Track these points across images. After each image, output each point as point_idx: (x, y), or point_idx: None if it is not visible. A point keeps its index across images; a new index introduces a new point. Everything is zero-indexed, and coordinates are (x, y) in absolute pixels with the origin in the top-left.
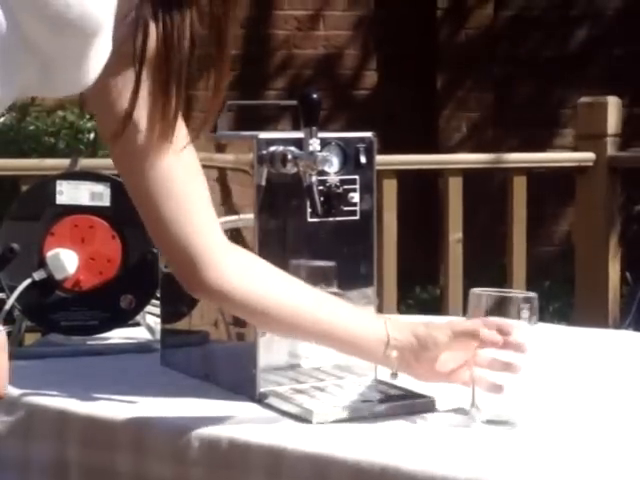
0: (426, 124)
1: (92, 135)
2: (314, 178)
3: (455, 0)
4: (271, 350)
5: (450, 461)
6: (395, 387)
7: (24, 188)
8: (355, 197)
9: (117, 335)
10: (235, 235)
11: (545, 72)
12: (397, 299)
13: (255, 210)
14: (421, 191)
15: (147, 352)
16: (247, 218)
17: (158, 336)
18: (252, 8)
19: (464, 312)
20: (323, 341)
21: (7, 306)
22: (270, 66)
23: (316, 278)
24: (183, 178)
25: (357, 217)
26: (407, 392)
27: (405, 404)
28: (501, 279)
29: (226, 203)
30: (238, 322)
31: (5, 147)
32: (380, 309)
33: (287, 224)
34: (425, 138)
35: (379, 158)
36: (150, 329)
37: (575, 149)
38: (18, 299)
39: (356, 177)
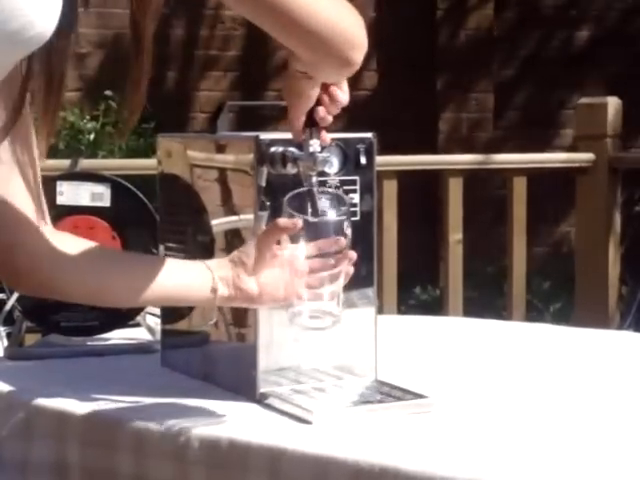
0: (426, 125)
1: (92, 135)
2: (314, 179)
3: (455, 1)
4: (271, 351)
5: (450, 461)
6: (395, 387)
7: None
8: (355, 198)
9: (117, 336)
10: (235, 236)
11: (545, 73)
12: (397, 300)
13: (255, 211)
14: (421, 192)
15: (147, 353)
16: (247, 219)
17: (158, 337)
18: None
19: (465, 312)
20: (160, 303)
21: (7, 307)
22: (270, 66)
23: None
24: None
25: (357, 218)
26: (407, 392)
27: (405, 404)
28: (501, 279)
29: (226, 204)
30: (238, 323)
31: None
32: (380, 310)
33: None
34: (425, 139)
35: (379, 159)
36: (150, 330)
37: (575, 150)
38: (18, 300)
39: (356, 178)
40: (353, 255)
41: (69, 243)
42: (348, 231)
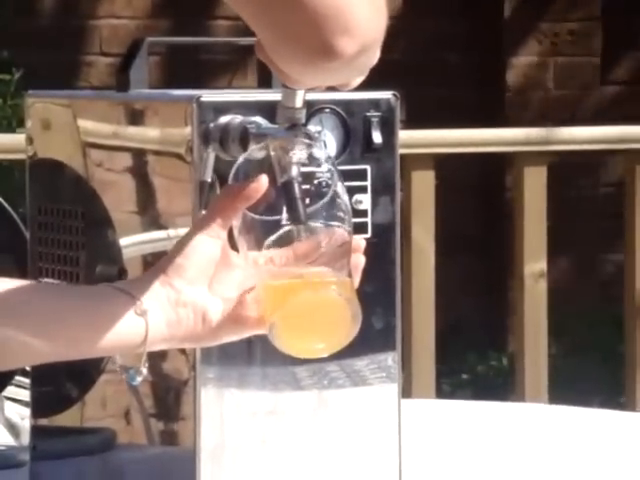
0: (484, 77)
1: None
2: (295, 169)
3: None
4: (220, 462)
5: None
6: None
7: None
8: (364, 201)
9: None
10: None
11: None
12: (436, 373)
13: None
14: (476, 191)
15: (7, 468)
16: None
17: (25, 440)
18: None
19: (552, 395)
20: (56, 356)
21: None
22: None
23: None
24: None
25: (368, 235)
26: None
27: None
28: (615, 339)
29: (147, 210)
30: (165, 411)
31: None
32: (408, 389)
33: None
34: (482, 100)
35: (405, 135)
36: (12, 428)
37: None
38: None
39: (366, 167)
40: (359, 243)
41: None
42: (347, 225)
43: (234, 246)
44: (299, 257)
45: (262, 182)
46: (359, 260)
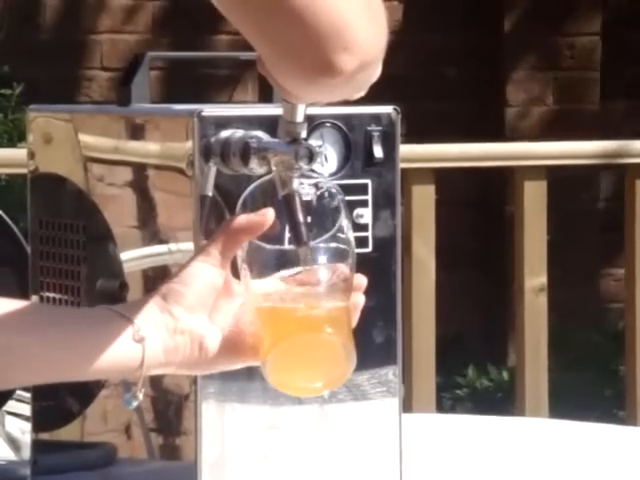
0: (485, 91)
1: None
2: (296, 183)
3: None
4: (221, 476)
5: None
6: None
7: None
8: (365, 215)
9: None
10: (163, 275)
11: None
12: (436, 387)
13: (196, 237)
14: (476, 205)
15: None
16: (183, 250)
17: (26, 455)
18: None
19: (552, 410)
20: (49, 378)
21: None
22: None
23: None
24: None
25: (368, 249)
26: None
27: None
28: (616, 354)
29: (147, 225)
30: (166, 426)
31: None
32: (409, 403)
33: None
34: (484, 115)
35: (406, 150)
36: (13, 442)
37: None
38: None
39: (367, 182)
40: (361, 281)
41: None
42: (350, 262)
43: (236, 274)
44: (299, 284)
45: (268, 217)
46: (359, 300)
